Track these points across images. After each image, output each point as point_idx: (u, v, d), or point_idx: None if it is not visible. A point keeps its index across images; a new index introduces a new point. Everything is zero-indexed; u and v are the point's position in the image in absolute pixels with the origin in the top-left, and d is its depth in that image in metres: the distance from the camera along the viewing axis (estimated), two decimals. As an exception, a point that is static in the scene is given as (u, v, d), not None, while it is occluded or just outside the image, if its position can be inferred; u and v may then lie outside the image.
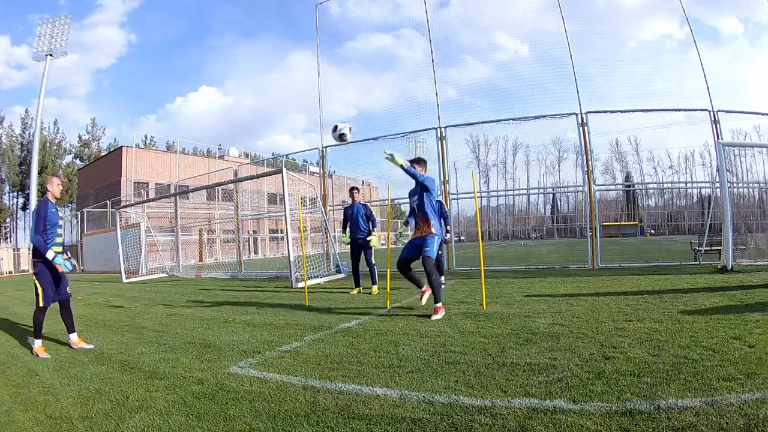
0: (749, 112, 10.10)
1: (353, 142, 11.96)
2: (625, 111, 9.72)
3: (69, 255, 4.14)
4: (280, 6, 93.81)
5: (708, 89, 9.38)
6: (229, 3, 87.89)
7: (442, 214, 6.95)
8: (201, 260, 24.22)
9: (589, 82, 10.14)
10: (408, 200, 5.14)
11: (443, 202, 7.13)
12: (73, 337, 4.07)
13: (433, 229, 4.68)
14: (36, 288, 3.92)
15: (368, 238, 7.06)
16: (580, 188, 12.73)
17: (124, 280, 12.67)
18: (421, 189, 4.77)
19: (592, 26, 11.19)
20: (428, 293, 4.84)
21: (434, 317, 4.36)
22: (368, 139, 11.64)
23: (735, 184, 10.37)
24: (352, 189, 7.33)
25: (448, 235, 7.21)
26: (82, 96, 72.81)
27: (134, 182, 29.26)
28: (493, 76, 12.54)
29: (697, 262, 8.75)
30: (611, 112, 9.80)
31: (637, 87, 10.56)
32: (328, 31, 12.99)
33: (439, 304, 4.54)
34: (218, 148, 40.66)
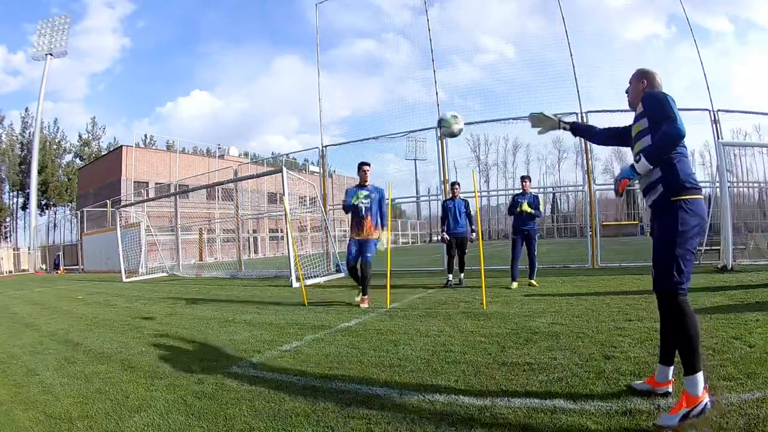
0: (749, 112, 10.10)
1: (353, 141, 11.99)
2: (625, 111, 9.66)
3: None
4: (280, 9, 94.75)
5: (708, 89, 9.38)
6: (214, 10, 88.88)
7: (468, 213, 7.12)
8: (201, 259, 24.20)
9: (588, 82, 10.14)
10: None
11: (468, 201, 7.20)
12: None
13: (376, 233, 5.50)
14: None
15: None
16: (580, 188, 12.73)
17: (124, 280, 12.67)
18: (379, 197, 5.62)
19: (592, 25, 11.21)
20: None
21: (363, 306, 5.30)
22: (368, 139, 11.64)
23: (735, 184, 10.37)
24: None
25: (474, 234, 7.15)
26: (77, 100, 74.34)
27: (134, 182, 29.23)
28: (492, 76, 12.57)
29: (697, 262, 8.74)
30: (611, 111, 9.79)
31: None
32: (327, 32, 13.01)
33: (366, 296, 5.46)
34: (218, 148, 40.65)
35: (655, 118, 2.11)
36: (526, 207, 6.43)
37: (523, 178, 6.83)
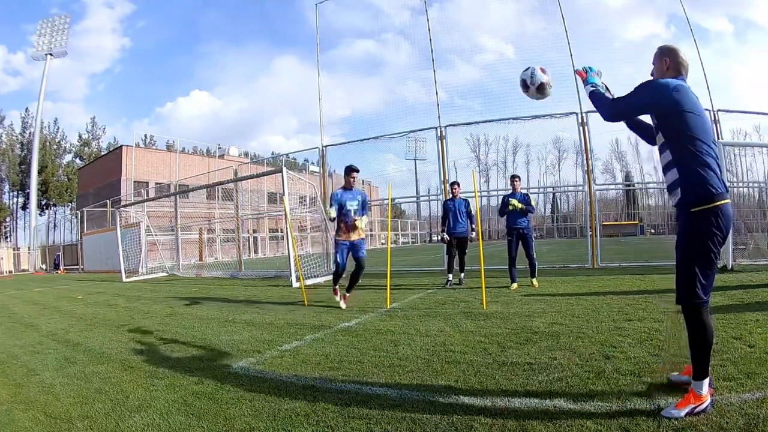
0: (749, 112, 10.10)
1: (354, 141, 12.00)
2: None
3: None
4: (280, 9, 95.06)
5: (708, 89, 9.38)
6: (214, 11, 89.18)
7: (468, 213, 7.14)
8: (201, 259, 24.19)
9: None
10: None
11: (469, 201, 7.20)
12: None
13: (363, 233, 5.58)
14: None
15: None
16: (580, 188, 12.73)
17: (124, 280, 12.67)
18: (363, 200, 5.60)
19: (592, 25, 11.22)
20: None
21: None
22: (368, 139, 11.64)
23: (735, 184, 10.37)
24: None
25: (474, 233, 7.13)
26: (76, 100, 74.71)
27: (134, 181, 29.24)
28: (492, 76, 12.57)
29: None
30: (611, 111, 9.78)
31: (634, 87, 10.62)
32: (327, 32, 13.04)
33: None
34: (218, 148, 40.65)
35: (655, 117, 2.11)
36: (516, 203, 6.40)
37: (512, 178, 6.80)
